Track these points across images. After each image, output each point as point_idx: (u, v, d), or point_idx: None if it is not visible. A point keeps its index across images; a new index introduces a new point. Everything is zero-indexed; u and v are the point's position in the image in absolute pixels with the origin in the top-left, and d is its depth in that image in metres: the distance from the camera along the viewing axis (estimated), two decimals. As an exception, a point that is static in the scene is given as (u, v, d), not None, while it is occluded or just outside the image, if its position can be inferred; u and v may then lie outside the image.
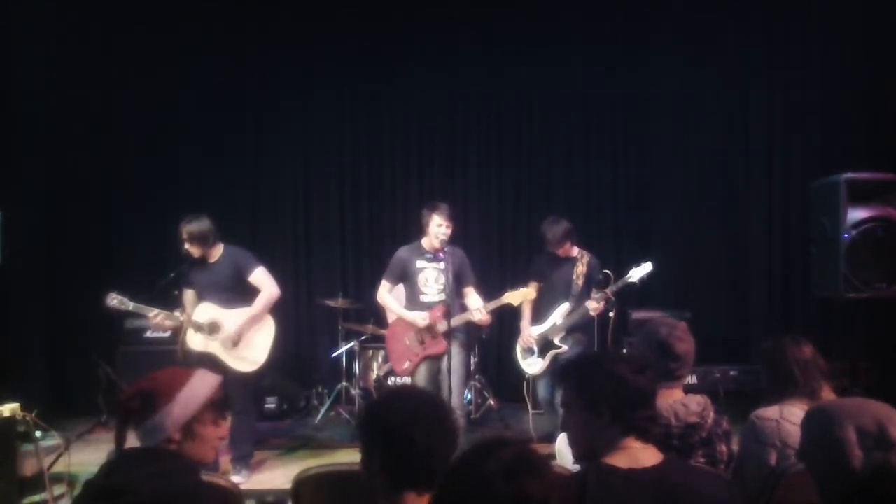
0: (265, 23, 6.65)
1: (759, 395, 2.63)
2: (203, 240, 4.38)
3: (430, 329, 4.52)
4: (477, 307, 4.52)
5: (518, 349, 5.02)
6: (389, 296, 4.72)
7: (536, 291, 4.94)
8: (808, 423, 1.67)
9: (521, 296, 4.55)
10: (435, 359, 4.55)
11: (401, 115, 6.92)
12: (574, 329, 4.80)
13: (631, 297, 5.86)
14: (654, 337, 2.42)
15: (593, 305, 4.62)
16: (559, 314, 4.79)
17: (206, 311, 4.42)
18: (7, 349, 5.71)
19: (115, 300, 4.35)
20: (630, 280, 4.61)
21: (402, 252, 4.71)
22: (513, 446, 1.33)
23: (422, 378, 4.57)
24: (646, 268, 4.59)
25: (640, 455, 1.75)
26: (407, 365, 4.61)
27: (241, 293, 4.51)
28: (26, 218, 5.73)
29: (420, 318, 4.52)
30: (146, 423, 1.78)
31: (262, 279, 4.55)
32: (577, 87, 6.79)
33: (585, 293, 4.76)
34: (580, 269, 4.81)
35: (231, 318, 4.43)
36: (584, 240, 5.34)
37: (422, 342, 4.57)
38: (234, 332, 4.39)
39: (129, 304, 4.34)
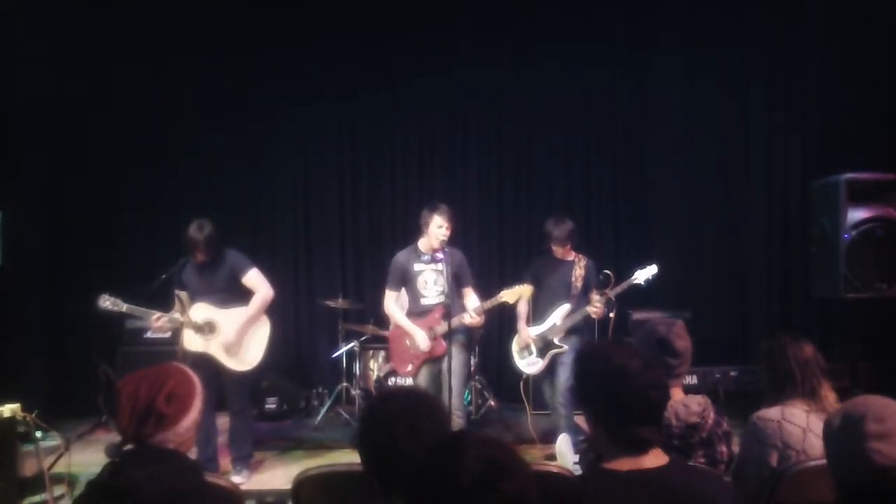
0: (265, 23, 6.65)
1: (760, 395, 2.63)
2: (215, 245, 4.38)
3: (430, 332, 4.52)
4: (468, 310, 4.51)
5: (514, 349, 5.03)
6: (396, 306, 4.71)
7: (531, 294, 4.96)
8: (839, 410, 1.68)
9: (517, 293, 4.53)
10: (436, 360, 4.56)
11: (401, 115, 6.92)
12: (574, 330, 4.81)
13: (631, 297, 5.86)
14: (652, 335, 2.42)
15: (593, 310, 4.64)
16: (559, 315, 4.80)
17: (201, 312, 4.41)
18: (7, 349, 5.71)
19: (107, 301, 4.33)
20: (635, 282, 4.62)
21: (400, 256, 4.71)
22: (476, 450, 1.26)
23: (423, 379, 4.58)
24: (651, 270, 4.60)
25: (642, 459, 1.73)
26: (410, 367, 4.61)
27: (236, 294, 4.50)
28: (26, 218, 5.73)
29: (422, 340, 4.51)
30: (181, 423, 1.76)
31: (256, 281, 4.55)
32: (577, 87, 6.79)
33: (584, 295, 4.79)
34: (578, 271, 4.84)
35: (226, 317, 4.42)
36: (585, 240, 5.35)
37: None
38: (233, 338, 4.39)
39: (122, 305, 4.32)
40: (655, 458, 1.73)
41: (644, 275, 4.61)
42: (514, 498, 1.23)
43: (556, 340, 4.79)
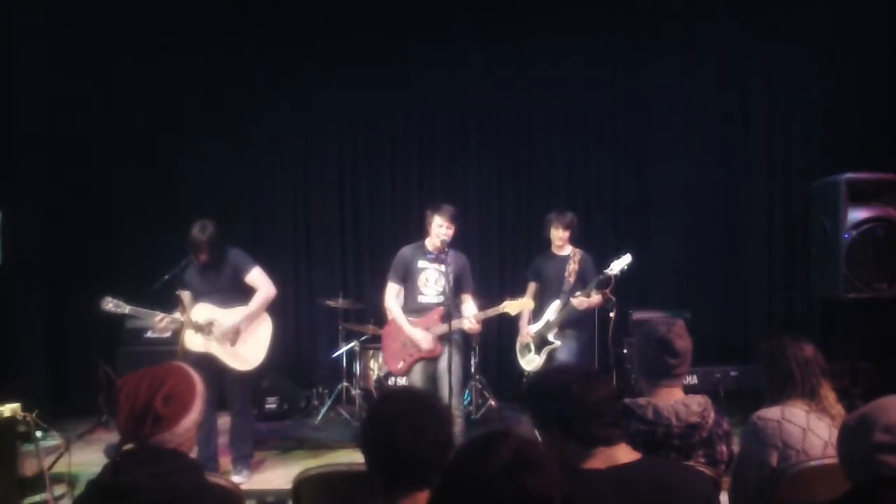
0: (265, 23, 6.65)
1: (760, 395, 2.63)
2: (218, 245, 4.38)
3: (427, 332, 4.52)
4: (468, 316, 4.51)
5: (518, 347, 5.07)
6: (396, 302, 4.69)
7: (535, 291, 4.99)
8: (860, 409, 1.70)
9: (520, 306, 4.59)
10: (430, 360, 4.56)
11: (401, 115, 6.93)
12: (568, 325, 4.81)
13: (631, 297, 5.87)
14: (653, 335, 2.42)
15: (576, 301, 4.64)
16: (551, 311, 4.82)
17: (202, 312, 4.41)
18: (7, 349, 5.71)
19: (110, 304, 4.31)
20: (611, 273, 4.61)
21: (405, 251, 4.72)
22: (510, 443, 1.32)
23: (418, 378, 4.58)
24: (625, 259, 4.60)
25: (614, 454, 1.77)
26: (401, 365, 4.62)
27: (238, 294, 4.50)
28: (26, 218, 5.73)
29: (421, 339, 4.50)
30: (180, 424, 1.74)
31: (259, 279, 4.55)
32: (577, 86, 6.79)
33: (578, 289, 4.77)
34: (572, 266, 4.87)
35: (227, 316, 4.42)
36: (584, 240, 5.36)
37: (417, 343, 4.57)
38: (230, 326, 4.38)
39: (124, 307, 4.31)
40: (627, 453, 1.79)
41: (619, 264, 4.60)
42: (538, 495, 1.27)
43: (550, 337, 4.80)
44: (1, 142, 5.78)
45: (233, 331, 4.40)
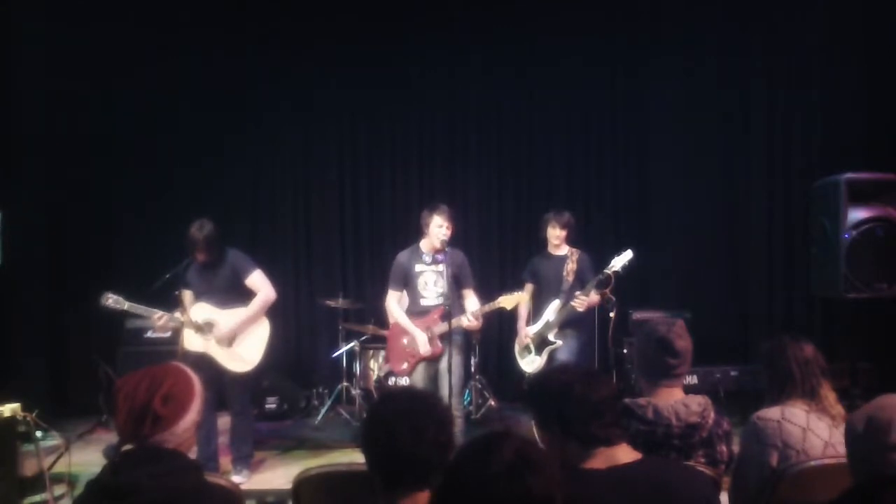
0: (265, 23, 6.65)
1: (760, 395, 2.63)
2: (216, 245, 4.39)
3: (428, 331, 4.53)
4: (466, 312, 4.52)
5: (516, 349, 5.07)
6: (397, 306, 4.73)
7: (532, 292, 4.99)
8: (864, 411, 1.70)
9: (515, 300, 4.57)
10: (432, 360, 4.56)
11: (401, 115, 6.93)
12: (568, 325, 4.81)
13: (631, 297, 5.87)
14: (653, 335, 2.42)
15: (576, 303, 4.64)
16: (551, 311, 4.81)
17: (201, 312, 4.42)
18: (7, 349, 5.71)
19: (110, 300, 4.34)
20: (612, 270, 4.60)
21: (402, 257, 4.72)
22: (512, 443, 1.33)
23: (420, 378, 4.60)
24: (626, 255, 4.59)
25: (614, 454, 1.78)
26: (405, 366, 4.64)
27: (239, 295, 4.51)
28: (26, 218, 5.74)
29: (422, 343, 4.52)
30: (179, 424, 1.74)
31: (259, 282, 4.55)
32: (577, 86, 6.79)
33: (577, 289, 4.76)
34: (570, 265, 4.87)
35: (226, 317, 4.43)
36: (584, 240, 5.35)
37: None
38: (228, 330, 4.39)
39: (124, 303, 4.33)
40: (627, 453, 1.79)
41: (621, 261, 4.59)
42: (539, 495, 1.28)
43: (550, 337, 4.80)
44: (1, 142, 5.78)
45: (229, 335, 4.41)
